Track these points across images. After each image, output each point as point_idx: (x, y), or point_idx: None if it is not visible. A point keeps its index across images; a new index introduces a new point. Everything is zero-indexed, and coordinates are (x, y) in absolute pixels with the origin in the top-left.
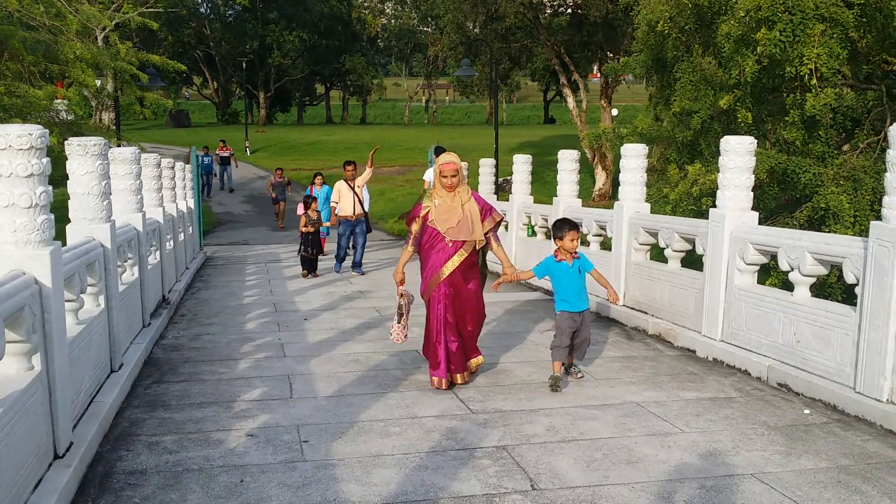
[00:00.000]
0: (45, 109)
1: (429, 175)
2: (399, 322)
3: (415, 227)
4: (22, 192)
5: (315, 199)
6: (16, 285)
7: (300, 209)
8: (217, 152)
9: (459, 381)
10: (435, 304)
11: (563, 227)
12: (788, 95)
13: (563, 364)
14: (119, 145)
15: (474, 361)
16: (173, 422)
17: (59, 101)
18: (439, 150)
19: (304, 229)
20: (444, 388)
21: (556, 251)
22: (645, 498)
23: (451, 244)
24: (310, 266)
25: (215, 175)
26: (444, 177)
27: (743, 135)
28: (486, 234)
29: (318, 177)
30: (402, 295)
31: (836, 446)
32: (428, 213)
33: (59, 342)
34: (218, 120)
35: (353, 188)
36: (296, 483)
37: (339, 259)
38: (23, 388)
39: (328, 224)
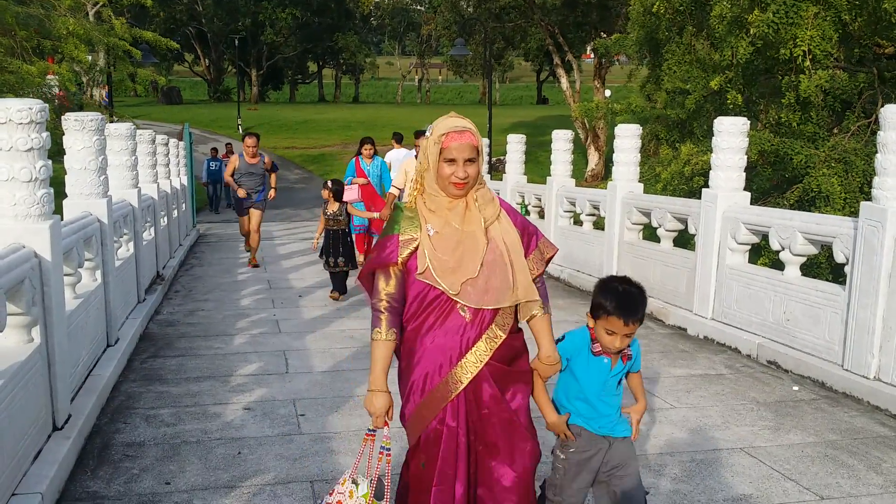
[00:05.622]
0: (39, 85)
1: (410, 165)
2: None
3: (388, 287)
4: (22, 166)
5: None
6: (16, 258)
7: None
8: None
9: None
10: (435, 454)
11: (618, 305)
12: (783, 77)
13: None
14: (112, 121)
15: None
16: (170, 395)
17: (51, 76)
18: (398, 137)
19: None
20: None
21: (592, 332)
22: None
23: (469, 316)
24: (340, 284)
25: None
26: (451, 161)
27: (735, 116)
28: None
29: (369, 144)
30: (386, 454)
31: (823, 422)
32: (416, 251)
33: (58, 315)
34: (210, 97)
35: None
36: (293, 455)
37: None
38: (23, 360)
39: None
